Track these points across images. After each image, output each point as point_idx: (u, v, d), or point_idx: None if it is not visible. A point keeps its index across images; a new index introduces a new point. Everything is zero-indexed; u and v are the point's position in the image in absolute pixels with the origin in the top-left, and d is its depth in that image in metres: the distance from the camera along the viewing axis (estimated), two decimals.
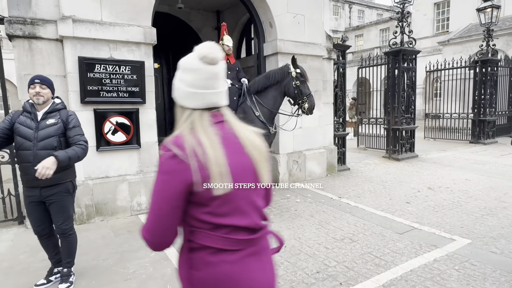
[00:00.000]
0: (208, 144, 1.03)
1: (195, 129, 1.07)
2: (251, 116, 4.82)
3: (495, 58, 10.86)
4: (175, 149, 1.01)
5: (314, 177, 6.49)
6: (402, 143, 8.38)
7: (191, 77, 1.12)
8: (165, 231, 1.09)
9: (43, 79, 2.67)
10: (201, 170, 1.00)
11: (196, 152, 1.00)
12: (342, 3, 34.15)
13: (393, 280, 2.85)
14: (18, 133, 2.58)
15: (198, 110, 1.11)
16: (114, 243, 3.72)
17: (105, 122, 4.40)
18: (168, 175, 1.04)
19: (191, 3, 7.48)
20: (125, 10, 4.45)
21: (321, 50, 6.40)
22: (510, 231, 3.84)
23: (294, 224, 4.20)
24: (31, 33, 4.07)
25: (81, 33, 4.16)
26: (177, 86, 1.16)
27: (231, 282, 1.09)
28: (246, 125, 1.20)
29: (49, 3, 4.18)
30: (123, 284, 2.89)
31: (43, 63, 4.18)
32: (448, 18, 19.75)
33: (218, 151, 1.03)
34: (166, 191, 1.04)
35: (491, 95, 10.94)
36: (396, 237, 3.75)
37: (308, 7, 6.17)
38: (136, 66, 4.52)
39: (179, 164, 1.00)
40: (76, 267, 3.16)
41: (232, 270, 1.09)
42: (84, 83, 4.22)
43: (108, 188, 4.45)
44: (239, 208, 1.10)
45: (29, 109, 2.64)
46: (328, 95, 6.80)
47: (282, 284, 2.83)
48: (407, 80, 8.38)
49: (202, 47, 1.12)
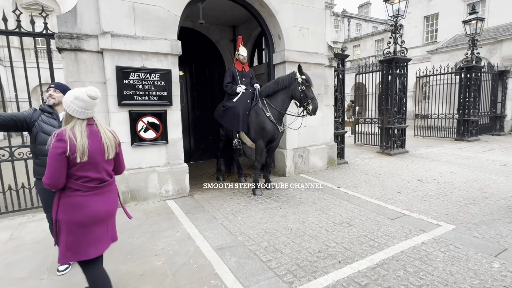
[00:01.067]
0: (78, 135, 1.79)
1: (74, 128, 1.82)
2: (262, 117, 4.79)
3: (479, 65, 10.52)
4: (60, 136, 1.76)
5: (316, 169, 6.44)
6: (394, 140, 8.23)
7: (81, 104, 1.84)
8: (56, 178, 1.78)
9: (57, 84, 2.73)
10: (71, 147, 1.75)
11: (71, 138, 1.76)
12: (341, 18, 33.57)
13: (385, 259, 2.82)
14: (42, 129, 2.54)
15: (80, 119, 1.86)
16: (146, 224, 3.78)
17: (138, 122, 4.45)
18: (56, 148, 1.74)
19: (211, 19, 7.48)
20: (155, 26, 4.48)
21: (323, 59, 6.31)
22: (490, 218, 3.73)
23: (299, 209, 4.19)
24: (77, 46, 4.14)
25: (118, 46, 4.21)
26: (70, 105, 1.83)
27: (80, 206, 1.85)
28: (106, 127, 2.01)
29: (91, 20, 4.24)
30: (153, 258, 2.93)
31: (86, 71, 4.26)
32: (436, 30, 19.22)
33: (84, 138, 1.81)
34: (54, 156, 1.75)
35: (475, 98, 10.62)
36: (388, 222, 3.69)
37: (312, 21, 6.09)
38: (164, 73, 4.55)
39: (61, 143, 1.75)
40: (114, 243, 3.23)
41: (82, 200, 1.86)
42: (121, 88, 4.28)
43: (141, 177, 4.52)
44: (93, 168, 1.88)
45: (49, 109, 2.64)
46: (329, 98, 6.72)
47: (288, 261, 2.83)
48: (399, 84, 8.22)
49: (90, 89, 1.87)
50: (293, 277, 2.58)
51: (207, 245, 3.19)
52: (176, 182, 4.79)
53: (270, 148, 5.19)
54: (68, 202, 1.84)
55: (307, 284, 2.47)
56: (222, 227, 3.66)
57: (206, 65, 7.91)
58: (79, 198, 1.85)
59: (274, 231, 3.51)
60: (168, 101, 4.63)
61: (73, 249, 1.86)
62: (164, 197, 4.71)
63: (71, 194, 1.85)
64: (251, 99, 5.03)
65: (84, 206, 1.86)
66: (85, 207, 1.86)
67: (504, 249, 2.97)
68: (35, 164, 2.65)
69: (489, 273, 2.57)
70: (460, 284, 2.42)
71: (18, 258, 2.99)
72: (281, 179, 5.85)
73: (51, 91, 2.67)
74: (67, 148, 1.73)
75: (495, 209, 4.07)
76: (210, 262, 2.83)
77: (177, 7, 4.63)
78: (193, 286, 2.47)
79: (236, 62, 5.34)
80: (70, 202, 1.84)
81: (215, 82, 8.05)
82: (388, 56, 8.04)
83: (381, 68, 8.42)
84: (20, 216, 4.14)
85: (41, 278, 2.63)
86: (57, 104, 2.68)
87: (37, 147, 2.58)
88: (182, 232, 3.52)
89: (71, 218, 1.84)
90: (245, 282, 2.51)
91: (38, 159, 2.61)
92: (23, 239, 3.44)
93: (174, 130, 4.78)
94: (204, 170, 6.81)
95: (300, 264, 2.77)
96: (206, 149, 8.00)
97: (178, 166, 4.82)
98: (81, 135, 1.80)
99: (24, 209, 4.26)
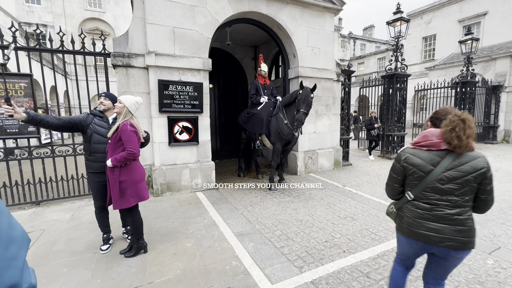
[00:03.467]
0: (138, 124, 2.50)
1: (133, 120, 2.47)
2: (281, 123, 4.76)
3: (473, 80, 9.94)
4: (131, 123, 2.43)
5: (324, 170, 6.31)
6: (393, 146, 7.91)
7: (138, 106, 2.52)
8: (137, 149, 2.41)
9: (107, 94, 2.74)
10: (136, 131, 2.44)
11: (136, 125, 2.47)
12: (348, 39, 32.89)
13: (385, 251, 2.70)
14: (96, 131, 2.59)
15: (133, 115, 2.50)
16: (179, 211, 3.83)
17: (174, 126, 4.54)
18: (132, 131, 2.38)
19: (236, 41, 7.54)
20: (190, 46, 4.57)
21: (332, 74, 6.19)
22: (484, 219, 3.49)
23: (308, 204, 4.11)
24: (128, 63, 4.29)
25: (160, 63, 4.33)
26: (131, 106, 2.46)
27: (138, 168, 2.56)
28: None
29: (139, 42, 4.39)
30: (184, 240, 2.96)
31: (134, 84, 4.40)
32: (433, 49, 18.36)
33: (139, 126, 2.54)
34: (133, 135, 2.38)
35: (469, 110, 10.01)
36: (388, 218, 3.53)
37: (322, 42, 5.99)
38: (197, 86, 4.62)
39: (133, 127, 2.40)
40: (153, 226, 3.30)
41: (138, 164, 2.59)
42: (161, 98, 4.38)
43: (176, 172, 4.60)
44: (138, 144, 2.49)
45: (100, 114, 2.68)
46: (336, 108, 6.57)
47: (299, 248, 2.78)
48: (399, 97, 7.89)
49: (139, 98, 2.54)
50: (302, 262, 2.52)
51: (229, 231, 3.19)
52: (205, 176, 4.84)
53: (285, 150, 5.13)
54: (129, 167, 2.45)
55: (315, 269, 2.41)
56: (242, 216, 3.65)
57: (231, 79, 7.98)
58: (137, 163, 2.53)
59: (287, 221, 3.46)
60: (199, 109, 4.69)
61: (135, 196, 2.48)
62: (194, 189, 4.77)
63: (133, 162, 2.48)
64: (273, 108, 5.01)
65: (140, 167, 2.56)
66: (140, 168, 2.56)
67: (498, 248, 2.76)
68: (89, 160, 2.62)
69: (483, 268, 2.40)
70: (455, 277, 2.27)
71: (77, 235, 3.12)
72: (293, 177, 5.77)
73: (102, 99, 2.70)
74: (137, 130, 2.45)
75: (489, 210, 3.79)
76: (231, 246, 2.83)
77: (209, 31, 4.70)
78: (217, 265, 2.47)
79: (259, 76, 5.35)
80: (130, 167, 2.45)
81: (239, 93, 8.10)
82: (390, 72, 7.76)
83: (383, 83, 8.14)
84: (79, 201, 4.32)
85: (94, 252, 2.73)
86: (106, 110, 2.70)
87: (92, 146, 2.59)
88: (208, 219, 3.55)
89: (131, 177, 2.45)
90: (261, 265, 2.48)
91: (92, 156, 2.61)
92: (81, 219, 3.58)
93: (204, 133, 4.84)
94: (228, 168, 6.84)
95: (309, 252, 2.71)
96: (229, 149, 8.05)
97: (206, 164, 4.87)
98: (138, 124, 2.52)
99: (83, 195, 4.45)
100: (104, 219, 2.79)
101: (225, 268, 2.42)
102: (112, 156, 2.40)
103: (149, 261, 2.54)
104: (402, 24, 7.55)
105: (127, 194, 2.44)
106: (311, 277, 2.30)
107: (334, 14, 6.07)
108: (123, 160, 2.36)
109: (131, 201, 2.46)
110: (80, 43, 4.18)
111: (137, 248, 2.64)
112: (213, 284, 2.21)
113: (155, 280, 2.26)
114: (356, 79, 24.06)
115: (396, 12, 7.63)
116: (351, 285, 2.18)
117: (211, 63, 4.72)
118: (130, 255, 2.61)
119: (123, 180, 2.42)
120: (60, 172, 4.93)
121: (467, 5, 16.48)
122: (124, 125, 2.36)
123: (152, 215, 3.67)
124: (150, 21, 4.26)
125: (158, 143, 4.49)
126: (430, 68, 14.40)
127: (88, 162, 2.65)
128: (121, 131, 2.34)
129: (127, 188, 2.44)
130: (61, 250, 2.77)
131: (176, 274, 2.34)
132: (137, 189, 2.49)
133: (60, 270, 2.43)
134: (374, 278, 2.27)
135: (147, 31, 4.28)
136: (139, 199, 2.52)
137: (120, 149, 2.39)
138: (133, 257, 2.60)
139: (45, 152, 4.18)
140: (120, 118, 2.43)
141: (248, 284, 2.20)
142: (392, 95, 7.81)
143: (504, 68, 11.36)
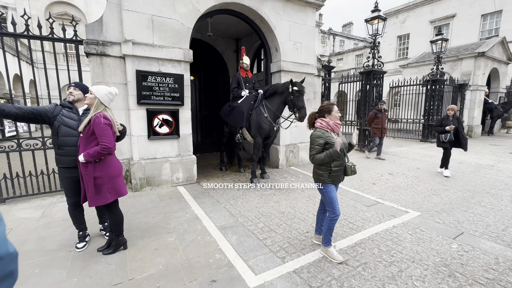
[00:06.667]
0: (112, 117, 2.36)
1: (107, 112, 2.33)
2: (262, 116, 4.77)
3: (442, 79, 10.56)
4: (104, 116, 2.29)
5: (304, 163, 6.44)
6: (369, 140, 8.26)
7: (111, 97, 2.37)
8: (112, 143, 2.29)
9: (77, 84, 2.59)
10: (111, 123, 2.30)
11: (110, 117, 2.33)
12: (328, 35, 33.45)
13: (363, 239, 2.83)
14: (64, 123, 2.43)
15: (106, 107, 2.36)
16: (160, 206, 3.75)
17: (154, 118, 4.39)
18: (106, 124, 2.25)
19: (218, 32, 7.37)
20: (170, 36, 4.40)
21: (313, 69, 6.27)
22: (450, 207, 3.77)
23: (289, 196, 4.18)
24: (102, 52, 4.05)
25: (138, 53, 4.13)
26: (104, 97, 2.31)
27: (113, 163, 2.41)
28: None
29: (115, 29, 4.15)
30: (166, 235, 2.91)
31: (110, 74, 4.17)
32: (407, 48, 19.24)
33: (114, 118, 2.39)
34: (107, 128, 2.25)
35: (438, 106, 10.67)
36: (364, 209, 3.71)
37: (304, 37, 6.03)
38: (178, 77, 4.48)
39: (107, 120, 2.27)
40: (132, 222, 3.20)
41: (114, 159, 2.44)
42: (140, 89, 4.21)
43: (156, 166, 4.47)
44: (113, 138, 2.35)
45: (69, 105, 2.52)
46: (317, 102, 6.69)
47: (281, 239, 2.83)
48: (376, 93, 8.22)
49: (114, 89, 2.40)
50: (285, 253, 2.58)
51: (212, 224, 3.17)
52: (186, 170, 4.75)
53: (266, 144, 5.16)
54: (104, 162, 2.31)
55: (297, 259, 2.47)
56: (225, 210, 3.64)
57: (212, 71, 7.82)
58: (113, 157, 2.40)
59: (269, 214, 3.51)
60: (180, 101, 4.57)
61: (113, 192, 2.36)
62: (175, 184, 4.67)
63: (108, 156, 2.35)
64: (253, 101, 4.99)
65: (117, 162, 2.44)
66: (117, 162, 2.44)
67: (461, 233, 3.00)
68: (58, 154, 2.47)
69: (448, 252, 2.60)
70: (425, 261, 2.45)
71: (49, 233, 2.95)
72: (275, 170, 5.84)
73: (71, 89, 2.55)
74: (112, 123, 2.31)
75: (454, 199, 4.11)
76: (215, 239, 2.82)
77: (190, 20, 4.54)
78: (201, 259, 2.46)
79: (241, 69, 5.29)
80: (106, 162, 2.32)
81: (220, 86, 7.97)
82: (367, 69, 8.03)
83: (360, 79, 8.41)
84: (51, 197, 4.08)
85: (69, 250, 2.60)
86: (76, 100, 2.54)
87: (60, 138, 2.43)
88: (190, 213, 3.50)
89: (107, 173, 2.32)
90: (244, 257, 2.51)
91: (61, 149, 2.45)
92: (53, 216, 3.38)
93: (185, 126, 4.73)
94: (209, 161, 6.76)
95: (291, 242, 2.77)
96: (211, 143, 7.95)
97: (187, 157, 4.77)
98: (113, 116, 2.39)
99: (55, 191, 4.19)
100: (79, 216, 2.66)
101: (209, 262, 2.42)
102: (84, 150, 2.24)
103: (129, 258, 2.47)
104: (380, 22, 7.80)
105: (103, 190, 2.32)
106: (294, 266, 2.36)
107: (316, 9, 6.12)
108: (96, 155, 2.23)
109: (108, 197, 2.34)
110: (48, 28, 3.83)
111: (116, 245, 2.54)
112: (197, 277, 2.19)
113: (136, 277, 2.20)
114: (335, 74, 24.61)
115: (374, 10, 7.85)
116: (331, 272, 2.27)
117: (192, 54, 4.59)
118: (109, 252, 2.51)
119: (99, 176, 2.29)
120: (28, 167, 4.59)
121: (438, 7, 17.38)
122: (97, 117, 2.21)
123: (131, 210, 3.55)
124: (126, 7, 4.03)
125: (136, 137, 4.31)
126: (404, 66, 15.08)
127: (57, 156, 2.49)
128: (94, 124, 2.20)
129: (103, 184, 2.31)
130: (32, 250, 2.60)
131: (158, 270, 2.30)
132: (114, 184, 2.37)
133: (31, 270, 2.28)
134: (352, 265, 2.38)
135: (123, 18, 4.05)
136: (117, 195, 2.40)
137: (93, 143, 2.24)
138: (112, 254, 2.51)
139: (10, 145, 3.87)
140: (92, 110, 2.27)
141: (232, 276, 2.21)
142: (369, 91, 8.10)
143: (469, 68, 12.18)
